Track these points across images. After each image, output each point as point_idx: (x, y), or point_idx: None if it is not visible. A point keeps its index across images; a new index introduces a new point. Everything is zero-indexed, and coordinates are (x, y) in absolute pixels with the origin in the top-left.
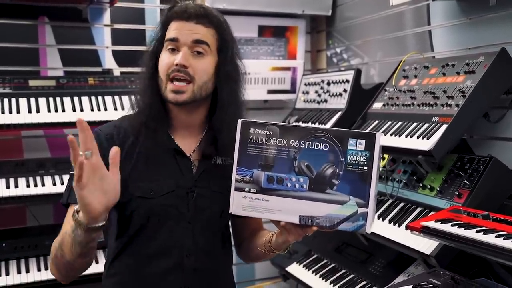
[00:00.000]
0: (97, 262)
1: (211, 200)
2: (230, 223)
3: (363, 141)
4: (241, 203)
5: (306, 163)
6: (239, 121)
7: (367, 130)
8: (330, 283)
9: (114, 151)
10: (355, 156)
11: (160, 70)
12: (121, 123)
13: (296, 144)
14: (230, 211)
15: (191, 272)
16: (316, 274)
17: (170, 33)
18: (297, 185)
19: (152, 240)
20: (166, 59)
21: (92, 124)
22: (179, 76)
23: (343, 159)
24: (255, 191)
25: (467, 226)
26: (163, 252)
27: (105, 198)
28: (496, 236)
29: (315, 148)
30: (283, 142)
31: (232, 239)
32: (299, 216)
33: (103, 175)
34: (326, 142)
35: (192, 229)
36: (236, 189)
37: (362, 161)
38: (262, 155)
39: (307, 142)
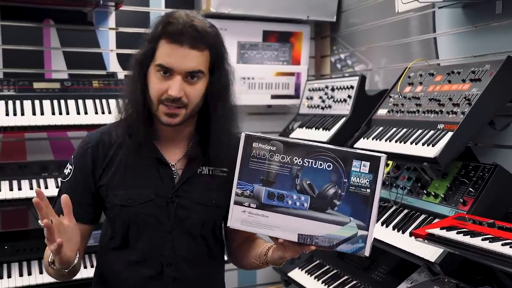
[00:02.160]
0: (92, 266)
1: (191, 210)
2: (223, 230)
3: (368, 163)
4: (239, 217)
5: (308, 182)
6: (243, 134)
7: (372, 136)
8: None
9: (65, 199)
10: (358, 178)
11: (152, 92)
12: (109, 129)
13: (300, 162)
14: (228, 225)
15: (171, 281)
16: (318, 280)
17: (163, 58)
18: (297, 203)
19: (133, 248)
20: (157, 84)
21: (96, 127)
22: (173, 106)
23: (346, 180)
24: (254, 206)
25: (473, 234)
26: (143, 260)
27: (74, 244)
28: (502, 245)
29: (319, 167)
30: (286, 158)
31: (224, 246)
32: (298, 234)
33: (65, 228)
34: (330, 162)
35: (172, 238)
36: (236, 203)
37: (365, 183)
38: (264, 170)
39: (310, 161)
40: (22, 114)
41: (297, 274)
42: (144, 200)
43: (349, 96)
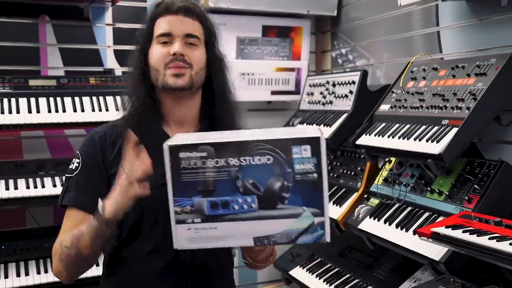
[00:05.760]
0: (97, 265)
1: None
2: None
3: (308, 147)
4: (186, 236)
5: (250, 181)
6: (165, 146)
7: (375, 132)
8: None
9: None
10: (302, 164)
11: (155, 62)
12: (113, 122)
13: (236, 162)
14: (174, 247)
15: (188, 267)
16: (319, 279)
17: (162, 27)
18: (245, 206)
19: (147, 236)
20: (160, 51)
21: (93, 124)
22: (178, 64)
23: (290, 169)
24: (199, 221)
25: (479, 233)
26: (159, 247)
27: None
28: (510, 244)
29: (258, 163)
30: (221, 162)
31: None
32: (253, 238)
33: None
34: (268, 155)
35: None
36: (178, 222)
37: (310, 168)
38: (200, 180)
39: (247, 158)
40: (18, 112)
41: (298, 273)
42: (160, 182)
43: (351, 92)
